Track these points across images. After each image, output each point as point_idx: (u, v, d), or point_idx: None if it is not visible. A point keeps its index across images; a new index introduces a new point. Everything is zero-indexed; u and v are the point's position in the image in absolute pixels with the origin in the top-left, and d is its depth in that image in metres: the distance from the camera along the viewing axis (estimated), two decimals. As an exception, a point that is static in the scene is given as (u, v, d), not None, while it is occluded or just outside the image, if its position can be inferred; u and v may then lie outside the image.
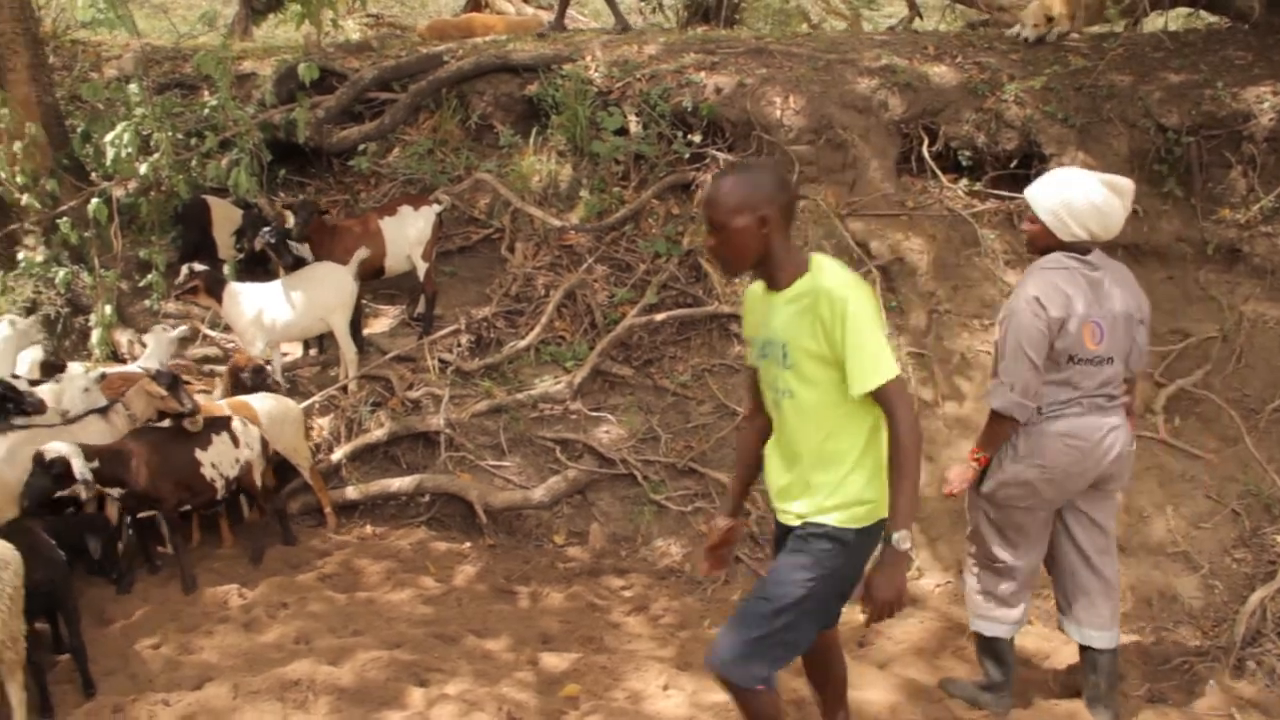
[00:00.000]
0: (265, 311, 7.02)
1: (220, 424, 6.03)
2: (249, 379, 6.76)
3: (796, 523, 3.48)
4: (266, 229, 7.44)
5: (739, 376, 7.02)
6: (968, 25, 11.82)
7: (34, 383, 6.13)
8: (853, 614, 5.49)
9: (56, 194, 7.90)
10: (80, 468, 5.29)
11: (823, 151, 7.56)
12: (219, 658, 4.98)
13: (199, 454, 5.86)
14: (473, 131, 8.74)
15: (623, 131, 8.02)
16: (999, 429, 4.31)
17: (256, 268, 8.12)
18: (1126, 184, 4.35)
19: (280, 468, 6.74)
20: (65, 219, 7.63)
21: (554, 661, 4.96)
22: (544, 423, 6.97)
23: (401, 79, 9.08)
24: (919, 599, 5.90)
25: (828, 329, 3.23)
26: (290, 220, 7.53)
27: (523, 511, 6.61)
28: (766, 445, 3.66)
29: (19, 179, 7.56)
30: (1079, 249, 4.30)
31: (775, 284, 3.39)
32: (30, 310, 7.86)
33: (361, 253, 7.46)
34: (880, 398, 3.22)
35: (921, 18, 13.14)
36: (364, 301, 7.68)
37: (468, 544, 6.52)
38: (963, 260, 7.29)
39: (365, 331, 7.71)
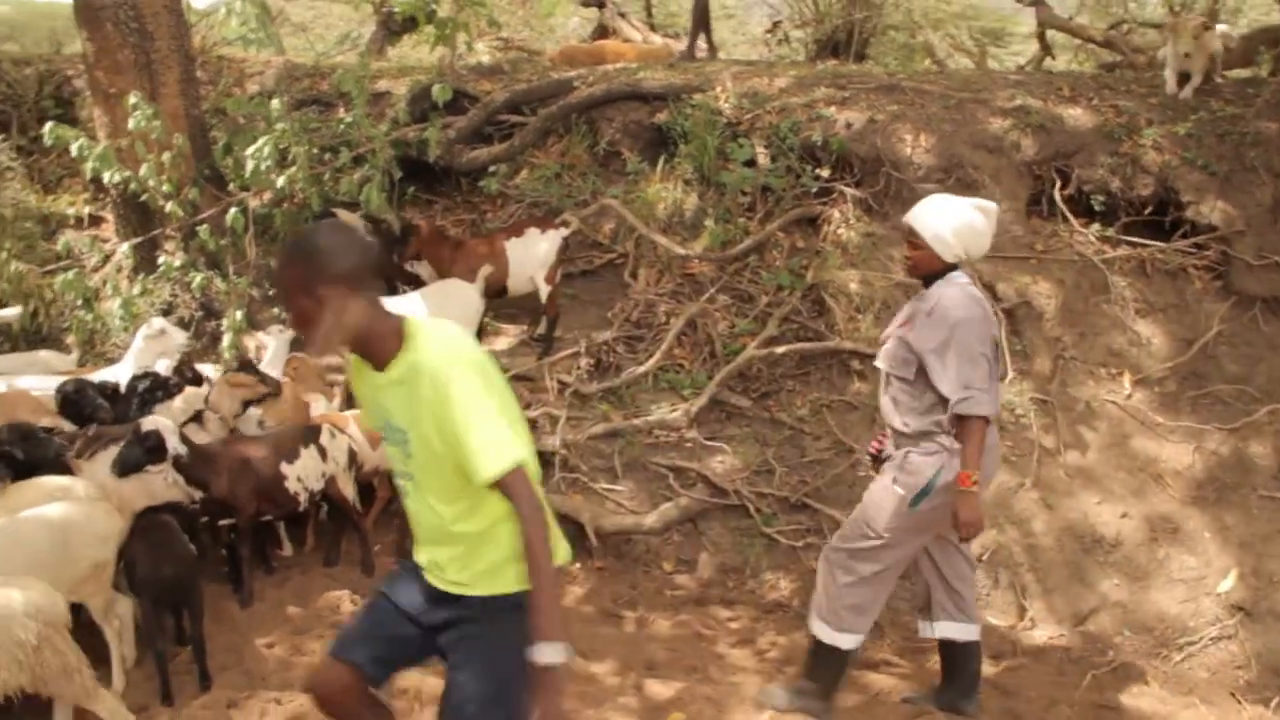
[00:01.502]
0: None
1: (310, 436, 6.05)
2: None
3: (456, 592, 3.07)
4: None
5: (857, 414, 6.96)
6: (1101, 66, 11.65)
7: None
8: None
9: (197, 202, 8.18)
10: (175, 444, 5.35)
11: (952, 191, 7.46)
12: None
13: (285, 467, 5.85)
14: (600, 157, 8.83)
15: (751, 163, 8.02)
16: (979, 438, 4.36)
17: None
18: (993, 206, 4.63)
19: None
20: (204, 226, 7.89)
21: (658, 689, 4.95)
22: (659, 449, 6.98)
23: (532, 102, 9.21)
24: (1030, 651, 5.78)
25: (435, 414, 2.82)
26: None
27: (633, 536, 6.62)
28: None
29: (165, 187, 7.83)
30: (954, 268, 4.54)
31: (373, 363, 2.95)
32: (166, 312, 8.14)
33: (485, 270, 7.57)
34: (502, 489, 2.80)
35: (1053, 57, 12.98)
36: (485, 320, 7.78)
37: (576, 565, 6.54)
38: (1091, 307, 7.16)
39: (486, 349, 7.79)
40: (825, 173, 7.91)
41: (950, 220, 4.47)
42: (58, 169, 10.18)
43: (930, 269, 4.55)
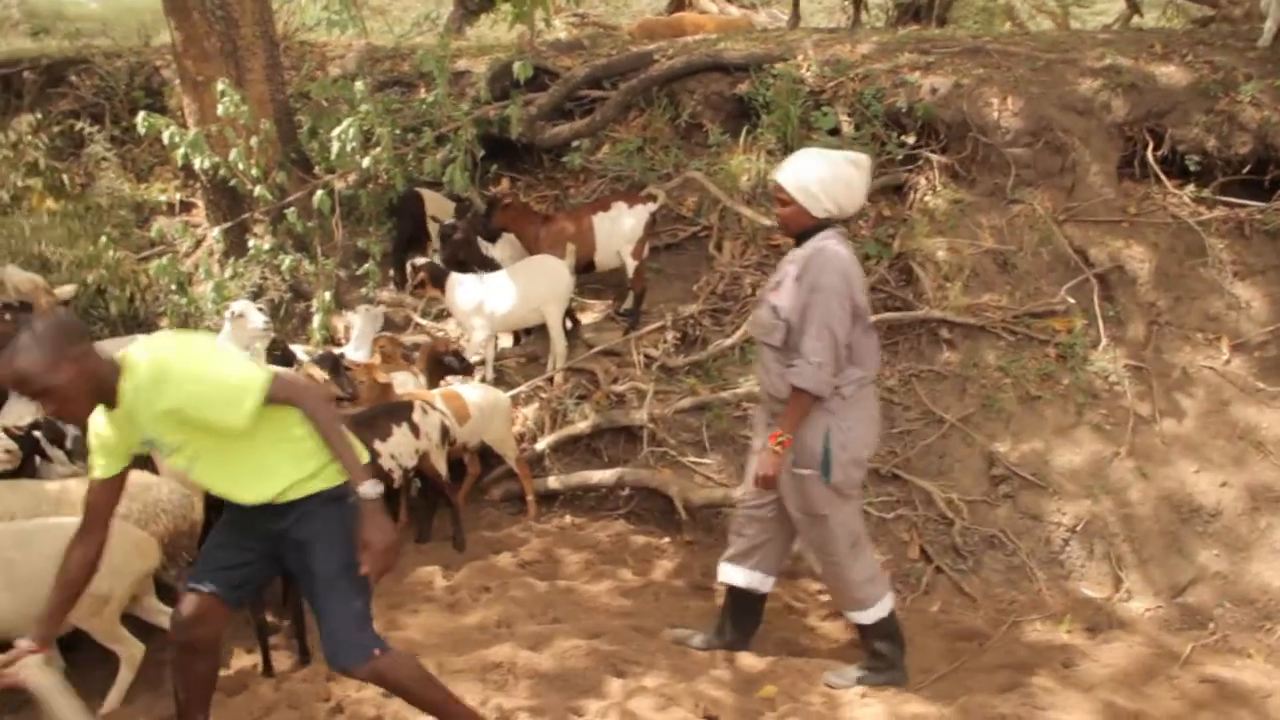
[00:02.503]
0: (485, 302, 7.23)
1: (402, 414, 6.04)
2: (453, 362, 6.94)
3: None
4: (452, 230, 7.71)
5: (946, 383, 6.88)
6: (1193, 22, 11.32)
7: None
8: (1056, 633, 5.44)
9: (285, 186, 8.32)
10: None
11: (1040, 155, 7.35)
12: (423, 636, 5.13)
13: (378, 445, 5.86)
14: (682, 130, 8.79)
15: (835, 131, 7.94)
16: (799, 410, 4.39)
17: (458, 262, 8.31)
18: (865, 160, 4.52)
19: (482, 455, 6.93)
20: (292, 209, 8.02)
21: (750, 661, 4.95)
22: (747, 421, 6.96)
23: (612, 77, 9.19)
24: (1127, 623, 5.69)
25: (185, 408, 3.23)
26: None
27: (722, 509, 6.59)
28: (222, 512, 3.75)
29: (254, 171, 7.96)
30: (827, 225, 4.42)
31: (109, 404, 3.30)
32: (256, 295, 8.29)
33: (572, 246, 7.60)
34: (272, 402, 3.24)
35: (1141, 14, 12.64)
36: (573, 295, 7.80)
37: (666, 539, 6.56)
38: (1186, 270, 7.00)
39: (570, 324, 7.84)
40: (910, 139, 7.81)
41: (817, 173, 4.36)
42: (149, 158, 10.40)
43: (800, 225, 4.45)
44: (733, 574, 4.97)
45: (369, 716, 4.30)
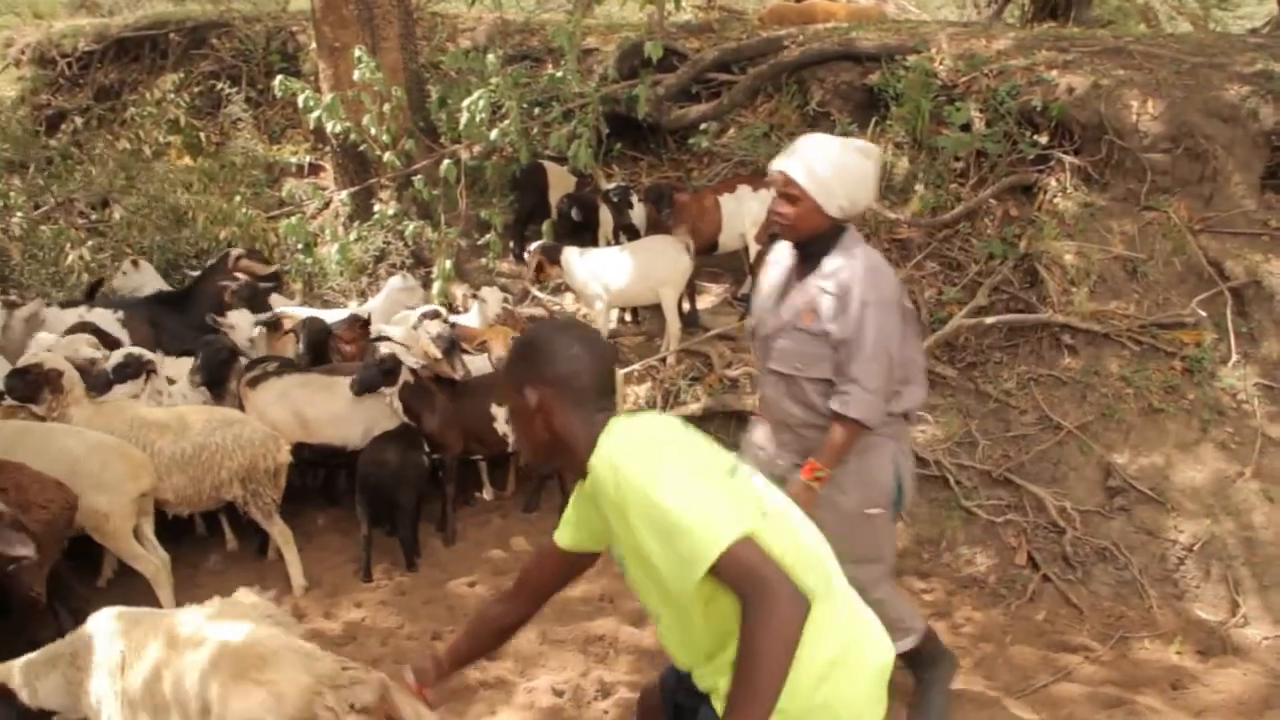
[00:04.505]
0: (600, 276, 7.27)
1: None
2: None
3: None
4: (612, 189, 7.77)
5: (1065, 390, 6.73)
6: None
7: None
8: (1166, 653, 5.31)
9: (412, 153, 8.45)
10: (406, 372, 5.90)
11: (1179, 161, 7.13)
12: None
13: (495, 409, 6.11)
14: (809, 118, 8.71)
15: (966, 127, 7.80)
16: (843, 442, 3.80)
17: (584, 233, 8.36)
18: (875, 149, 3.89)
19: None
20: (418, 177, 8.14)
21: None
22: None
23: (741, 61, 9.17)
24: (1242, 649, 5.52)
25: (625, 525, 2.37)
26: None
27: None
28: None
29: (384, 138, 8.10)
30: (842, 229, 3.79)
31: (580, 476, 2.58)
32: (379, 259, 8.45)
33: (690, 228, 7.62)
34: (721, 576, 2.21)
35: (1293, 18, 12.20)
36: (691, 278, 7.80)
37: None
38: (1329, 288, 6.74)
39: (687, 307, 7.84)
40: (1043, 139, 7.63)
41: (833, 163, 3.70)
42: (281, 120, 10.69)
43: (812, 228, 3.76)
44: None
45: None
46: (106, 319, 6.81)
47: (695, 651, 2.54)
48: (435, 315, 6.64)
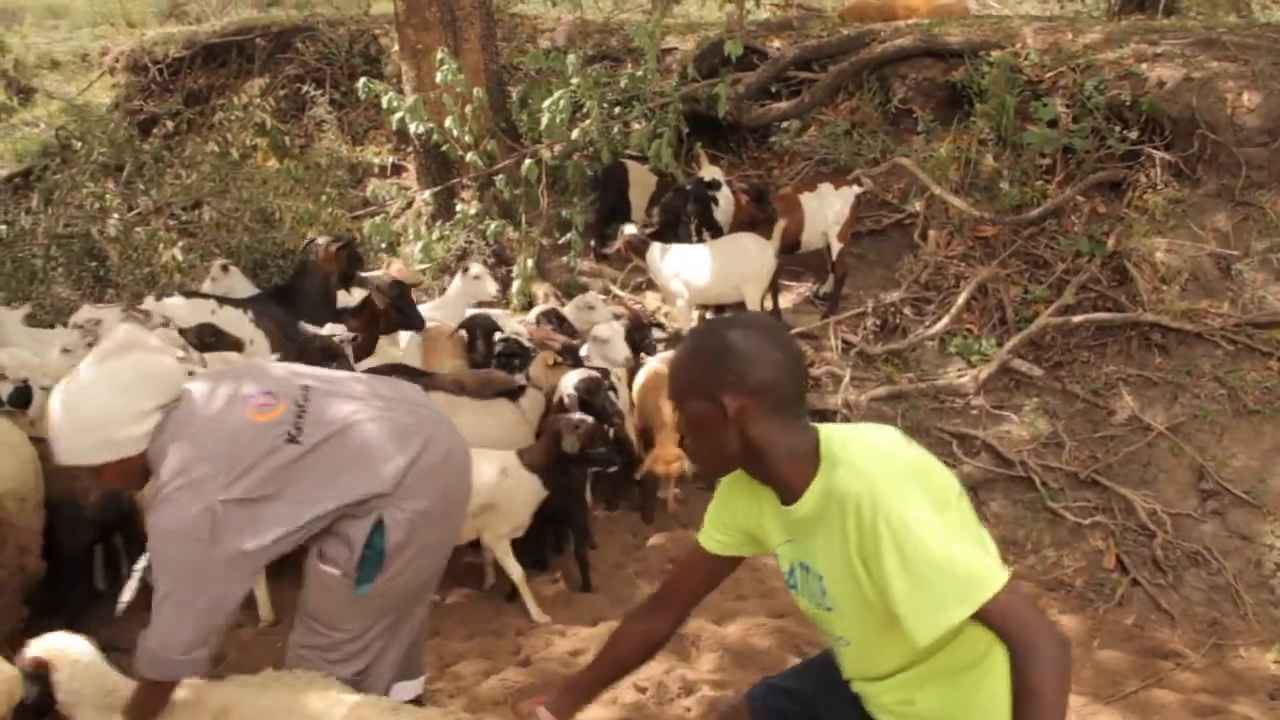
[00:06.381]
0: (682, 272, 7.26)
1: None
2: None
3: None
4: (693, 187, 7.73)
5: (1156, 390, 6.60)
6: None
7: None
8: (1263, 661, 5.17)
9: (494, 154, 8.51)
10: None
11: (1277, 155, 6.96)
12: (611, 602, 5.22)
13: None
14: (891, 115, 8.66)
15: (1053, 123, 7.69)
16: None
17: (668, 232, 8.34)
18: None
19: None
20: (500, 176, 8.20)
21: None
22: (943, 414, 6.83)
23: (821, 59, 9.13)
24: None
25: (866, 559, 2.20)
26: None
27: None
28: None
29: (466, 138, 8.17)
30: None
31: (782, 496, 2.38)
32: (461, 257, 8.52)
33: (781, 225, 7.58)
34: (986, 621, 2.11)
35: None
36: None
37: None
38: None
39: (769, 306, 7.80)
40: (1133, 134, 7.48)
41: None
42: (364, 121, 10.83)
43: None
44: None
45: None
46: (234, 319, 6.44)
47: (872, 669, 2.47)
48: (476, 278, 6.87)
